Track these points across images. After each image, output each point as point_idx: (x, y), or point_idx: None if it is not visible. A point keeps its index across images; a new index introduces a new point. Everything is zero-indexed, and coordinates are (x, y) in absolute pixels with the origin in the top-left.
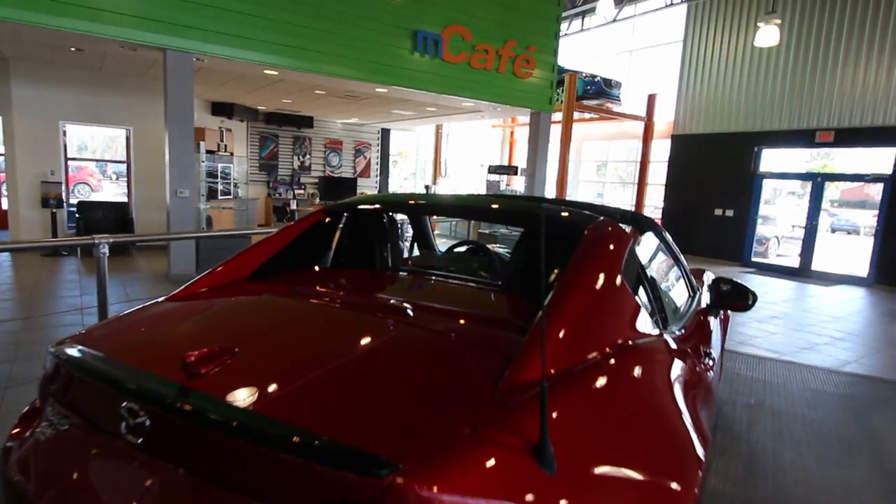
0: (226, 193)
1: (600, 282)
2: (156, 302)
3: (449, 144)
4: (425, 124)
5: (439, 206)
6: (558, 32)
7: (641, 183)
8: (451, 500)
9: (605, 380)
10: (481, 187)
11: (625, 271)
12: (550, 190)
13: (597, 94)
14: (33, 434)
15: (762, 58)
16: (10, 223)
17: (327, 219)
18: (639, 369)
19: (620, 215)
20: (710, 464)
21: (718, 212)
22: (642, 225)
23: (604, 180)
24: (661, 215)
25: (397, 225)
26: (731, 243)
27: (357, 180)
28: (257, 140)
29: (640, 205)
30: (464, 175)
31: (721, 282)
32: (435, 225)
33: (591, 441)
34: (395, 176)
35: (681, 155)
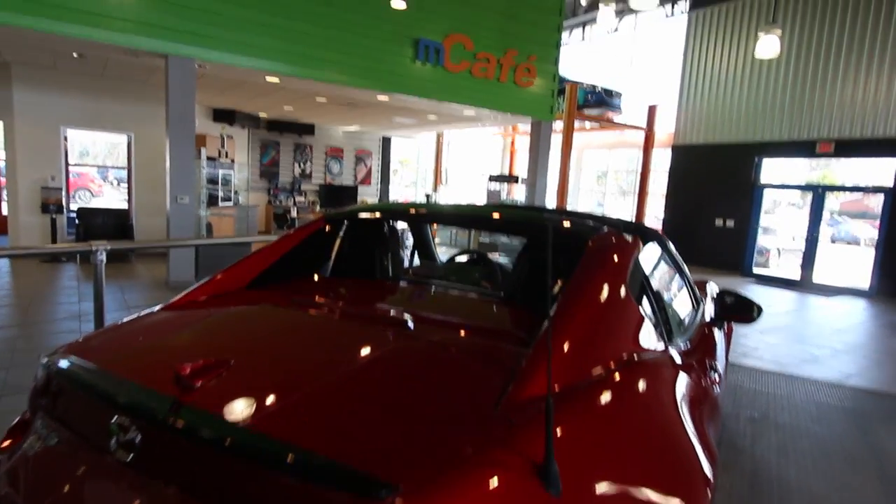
0: (226, 200)
1: (606, 294)
2: (152, 311)
3: (450, 153)
4: (426, 132)
5: (441, 215)
6: (559, 42)
7: (642, 193)
8: None
9: (611, 397)
10: (482, 196)
11: (630, 283)
12: (551, 199)
13: (597, 103)
14: (22, 447)
15: (762, 68)
16: (9, 228)
17: (327, 227)
18: (645, 386)
19: (624, 225)
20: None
21: (719, 222)
22: (646, 235)
23: (604, 189)
24: (661, 225)
25: (398, 234)
26: (732, 254)
27: (358, 188)
28: (258, 147)
29: (640, 214)
30: (464, 184)
31: (725, 294)
32: (435, 233)
33: (597, 461)
34: (396, 184)
35: (681, 165)
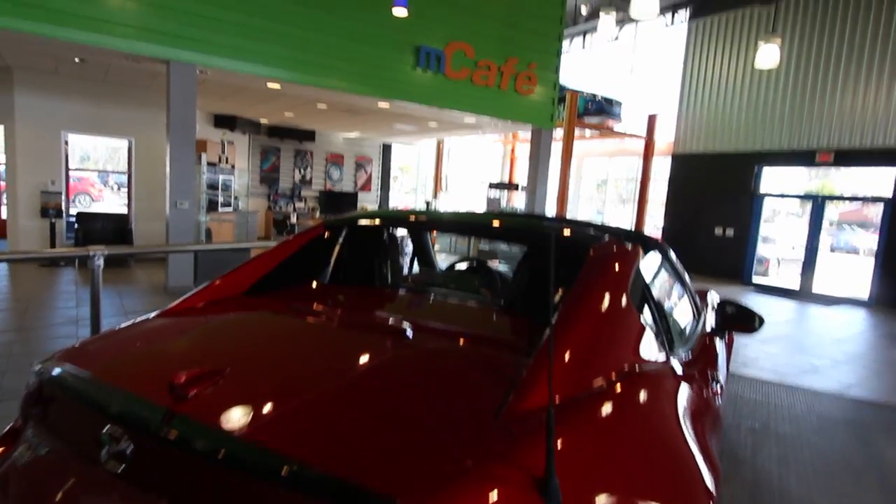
0: (226, 206)
1: (607, 304)
2: (148, 318)
3: (450, 160)
4: (426, 139)
5: (441, 222)
6: (560, 50)
7: (642, 201)
8: None
9: (612, 408)
10: (482, 203)
11: (631, 293)
12: (551, 206)
13: (598, 111)
14: (11, 457)
15: (762, 78)
16: (8, 232)
17: (327, 233)
18: (647, 397)
19: (625, 234)
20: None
21: (718, 231)
22: (648, 244)
23: (604, 197)
24: (660, 234)
25: (397, 241)
26: (732, 263)
27: (358, 195)
28: (259, 153)
29: (640, 223)
30: (464, 191)
31: (727, 304)
32: (435, 240)
33: (598, 475)
34: (396, 191)
35: (681, 173)
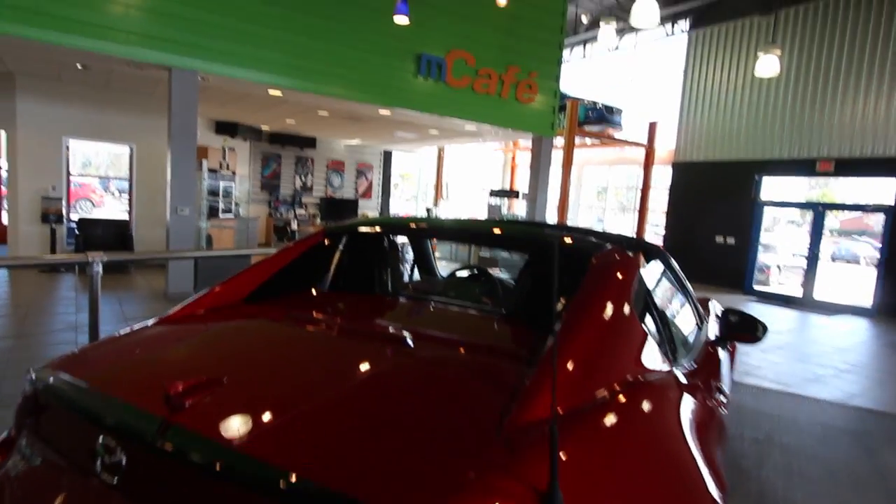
0: (227, 212)
1: (610, 313)
2: (146, 325)
3: (451, 167)
4: (427, 147)
5: (442, 230)
6: (560, 59)
7: (642, 209)
8: None
9: (617, 420)
10: (482, 211)
11: (634, 302)
12: (551, 214)
13: (598, 120)
14: (4, 467)
15: (763, 87)
16: (9, 238)
17: (327, 240)
18: (651, 408)
19: (627, 242)
20: None
21: (719, 239)
22: (650, 252)
23: (604, 205)
24: (661, 242)
25: (398, 248)
26: (732, 271)
27: (358, 201)
28: (260, 159)
29: (640, 231)
30: (465, 198)
31: (729, 312)
32: (435, 247)
33: (603, 489)
34: (397, 198)
35: (681, 182)
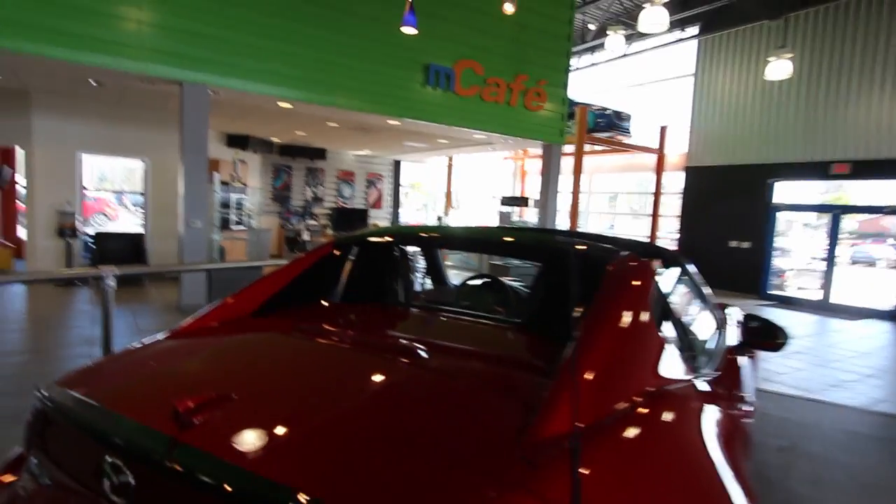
0: (239, 224)
1: (629, 322)
2: (156, 340)
3: (460, 176)
4: (437, 156)
5: (453, 238)
6: (569, 67)
7: (655, 215)
8: None
9: (639, 433)
10: (493, 219)
11: (653, 309)
12: (562, 221)
13: (608, 126)
14: (15, 486)
15: (775, 90)
16: (27, 252)
17: (337, 251)
18: (674, 420)
19: (643, 248)
20: None
21: (734, 243)
22: (667, 258)
23: (615, 212)
24: (676, 247)
25: (409, 258)
26: (748, 276)
27: (369, 211)
28: (271, 171)
29: (653, 237)
30: (475, 206)
31: (750, 319)
32: (446, 256)
33: None
34: (407, 207)
35: (694, 187)
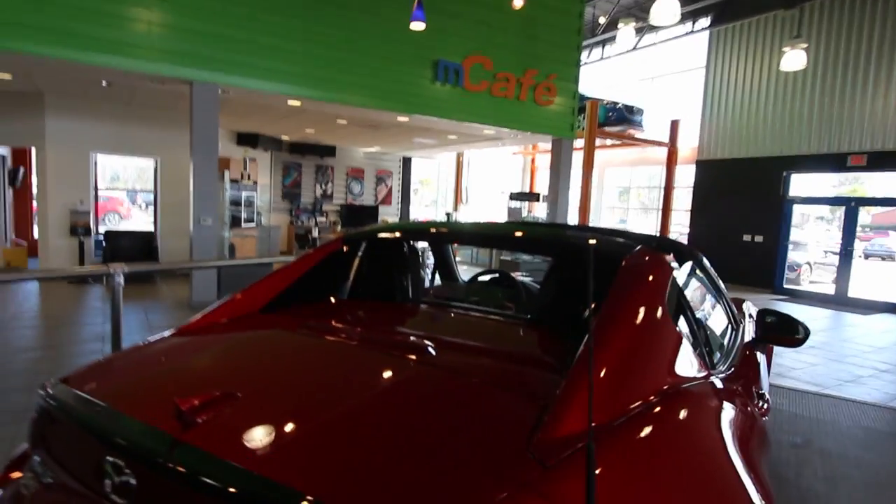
0: (249, 221)
1: (645, 318)
2: (162, 337)
3: (470, 172)
4: (446, 152)
5: (463, 234)
6: (579, 61)
7: (666, 209)
8: None
9: (656, 433)
10: (503, 214)
11: (669, 305)
12: (573, 216)
13: (619, 120)
14: (18, 484)
15: (788, 82)
16: (40, 251)
17: (345, 247)
18: (691, 419)
19: (657, 242)
20: None
21: (747, 237)
22: (682, 253)
23: (626, 206)
24: (687, 241)
25: (418, 254)
26: (762, 270)
27: (378, 208)
28: (281, 169)
29: (665, 231)
30: (485, 202)
31: (766, 313)
32: (457, 252)
33: None
34: (417, 203)
35: (706, 180)
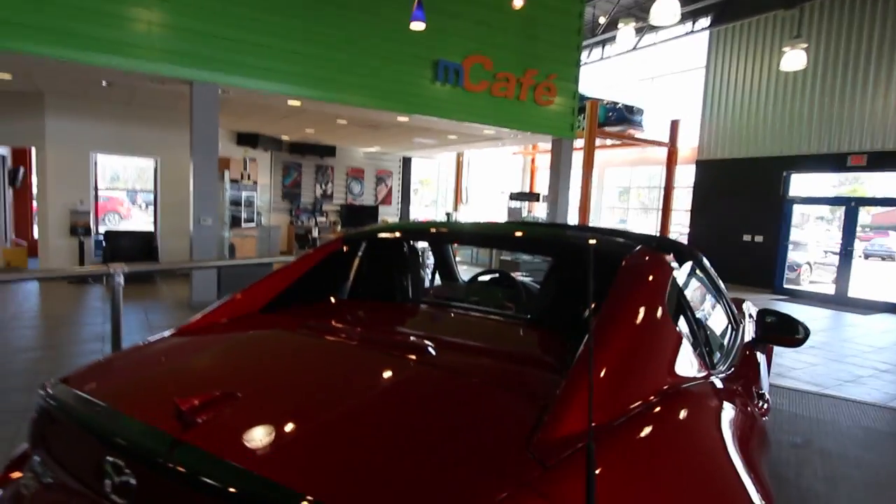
0: (249, 221)
1: (645, 318)
2: (162, 337)
3: (470, 172)
4: (446, 152)
5: (463, 234)
6: (579, 61)
7: (666, 209)
8: None
9: (655, 433)
10: (503, 214)
11: (669, 305)
12: (573, 216)
13: (619, 120)
14: (17, 484)
15: (788, 82)
16: (40, 251)
17: (345, 247)
18: (692, 419)
19: (657, 242)
20: None
21: (747, 237)
22: (682, 253)
23: (626, 206)
24: (687, 241)
25: (418, 254)
26: (762, 270)
27: (378, 208)
28: (280, 169)
29: (664, 231)
30: (485, 202)
31: (766, 313)
32: (457, 252)
33: None
34: (417, 204)
35: (706, 180)
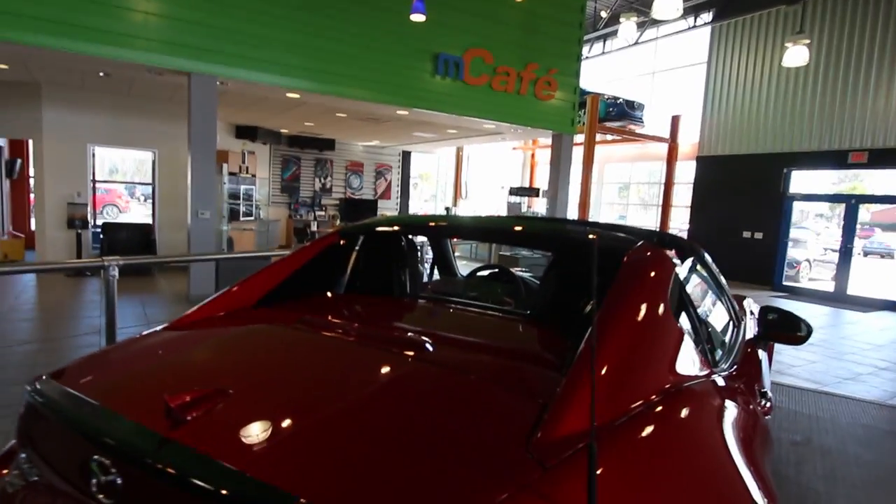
0: (248, 215)
1: (647, 315)
2: (154, 331)
3: (469, 166)
4: (446, 146)
5: (462, 228)
6: (580, 55)
7: (666, 205)
8: None
9: (657, 433)
10: (502, 209)
11: (671, 302)
12: (573, 212)
13: (619, 115)
14: (3, 482)
15: (790, 77)
16: (37, 243)
17: (343, 241)
18: (694, 418)
19: (659, 238)
20: None
21: (747, 234)
22: (684, 249)
23: (626, 202)
24: (687, 236)
25: (416, 248)
26: (761, 267)
27: (378, 202)
28: (279, 162)
29: (664, 227)
30: (484, 197)
31: (768, 311)
32: (455, 246)
33: None
34: (416, 198)
35: (706, 176)
